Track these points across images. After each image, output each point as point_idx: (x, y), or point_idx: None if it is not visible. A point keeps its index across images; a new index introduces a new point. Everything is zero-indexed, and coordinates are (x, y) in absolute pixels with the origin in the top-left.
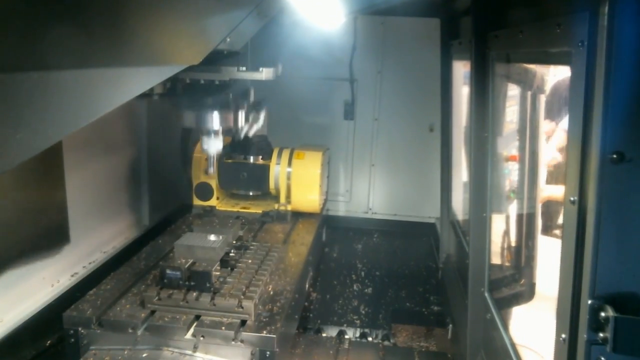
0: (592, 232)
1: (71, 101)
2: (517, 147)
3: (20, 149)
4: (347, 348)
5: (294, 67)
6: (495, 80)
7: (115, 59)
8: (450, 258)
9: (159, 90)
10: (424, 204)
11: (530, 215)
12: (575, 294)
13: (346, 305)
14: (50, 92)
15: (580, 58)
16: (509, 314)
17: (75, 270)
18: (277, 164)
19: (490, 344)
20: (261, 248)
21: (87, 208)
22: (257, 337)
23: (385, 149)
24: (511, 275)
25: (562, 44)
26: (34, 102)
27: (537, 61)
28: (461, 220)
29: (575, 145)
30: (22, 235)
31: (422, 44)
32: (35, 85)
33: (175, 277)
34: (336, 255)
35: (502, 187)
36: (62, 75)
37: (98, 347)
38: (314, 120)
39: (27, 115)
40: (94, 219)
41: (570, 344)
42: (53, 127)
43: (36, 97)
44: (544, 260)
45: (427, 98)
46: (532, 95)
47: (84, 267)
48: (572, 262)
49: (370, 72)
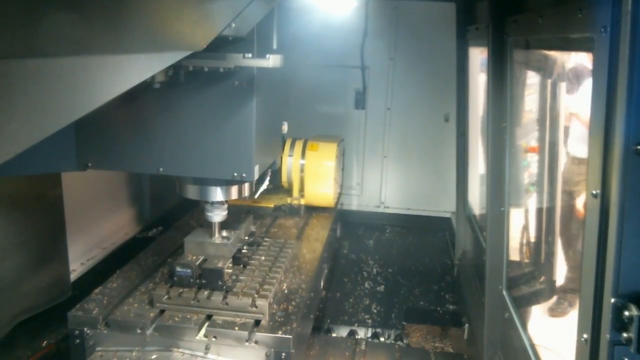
0: (615, 227)
1: (68, 90)
2: (537, 138)
3: (15, 140)
4: (364, 349)
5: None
6: (514, 68)
7: (114, 45)
8: (466, 254)
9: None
10: (439, 197)
11: (550, 209)
12: (597, 292)
13: (357, 304)
14: (46, 80)
15: (602, 44)
16: (528, 313)
17: (73, 268)
18: (289, 156)
19: (508, 344)
20: (274, 244)
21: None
22: (272, 337)
23: (398, 140)
24: (530, 273)
25: (584, 30)
26: (29, 91)
27: (557, 47)
28: (478, 215)
29: (597, 135)
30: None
31: (437, 29)
32: (30, 72)
33: (186, 275)
34: (347, 251)
35: (521, 179)
36: (59, 62)
37: (104, 349)
38: (323, 110)
39: (21, 104)
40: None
41: (592, 345)
42: (50, 117)
43: (31, 86)
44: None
45: (442, 86)
46: (553, 83)
47: (81, 264)
48: (594, 258)
49: (382, 59)
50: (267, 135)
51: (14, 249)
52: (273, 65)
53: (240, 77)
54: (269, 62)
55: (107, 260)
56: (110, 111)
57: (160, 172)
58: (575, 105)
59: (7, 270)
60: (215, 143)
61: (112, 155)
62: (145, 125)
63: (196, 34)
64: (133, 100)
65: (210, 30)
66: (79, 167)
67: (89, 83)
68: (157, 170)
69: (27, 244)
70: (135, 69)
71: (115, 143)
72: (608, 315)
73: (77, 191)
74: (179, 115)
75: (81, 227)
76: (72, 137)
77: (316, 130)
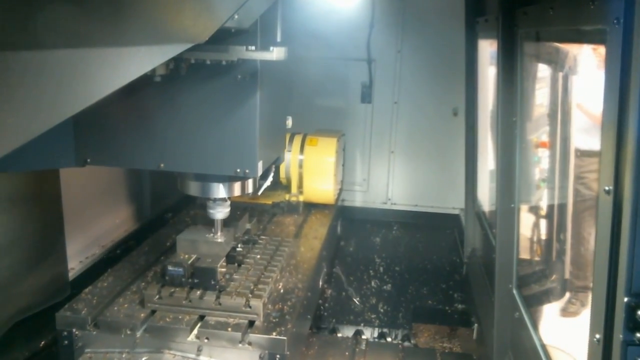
0: (628, 224)
1: (67, 83)
2: (548, 133)
3: (11, 135)
4: (365, 349)
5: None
6: (524, 61)
7: (113, 37)
8: (475, 252)
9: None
10: (447, 194)
11: (562, 206)
12: (610, 291)
13: (363, 303)
14: (44, 73)
15: (615, 36)
16: (539, 313)
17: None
18: (288, 151)
19: (518, 344)
20: (271, 242)
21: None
22: (267, 339)
23: (406, 134)
24: (541, 271)
25: (596, 21)
26: (26, 84)
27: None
28: (487, 212)
29: (609, 130)
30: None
31: (446, 21)
32: (27, 65)
33: (178, 274)
34: (352, 249)
35: (532, 175)
36: (57, 54)
37: (94, 350)
38: (328, 104)
39: (18, 98)
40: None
41: (605, 345)
42: (47, 111)
43: (28, 79)
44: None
45: (450, 80)
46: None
47: (80, 262)
48: (606, 256)
49: (389, 52)
50: (271, 130)
51: (11, 247)
52: (277, 57)
53: (243, 70)
54: (272, 55)
55: (107, 259)
56: (109, 105)
57: (161, 168)
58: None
59: (3, 268)
60: (217, 138)
61: (111, 151)
62: (145, 120)
63: (198, 25)
64: (133, 94)
65: (212, 21)
66: (78, 163)
67: (88, 76)
68: (158, 166)
69: (24, 242)
70: (135, 62)
71: (115, 138)
72: (621, 314)
73: (76, 188)
74: (180, 110)
75: (80, 224)
76: (70, 132)
77: (321, 125)
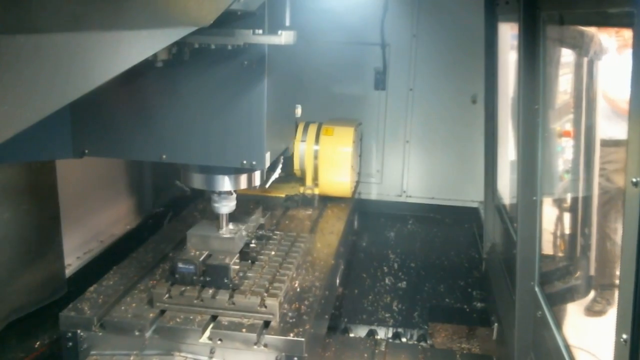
0: None
1: (64, 69)
2: (572, 121)
3: (5, 123)
4: (384, 350)
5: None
6: (547, 45)
7: (113, 20)
8: (495, 248)
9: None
10: (466, 186)
11: (586, 199)
12: (637, 289)
13: (377, 301)
14: (39, 58)
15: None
16: (562, 312)
17: (68, 262)
18: (302, 141)
19: (540, 345)
20: (285, 238)
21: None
22: (283, 340)
23: (422, 123)
24: (565, 267)
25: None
26: (21, 70)
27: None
28: (508, 205)
29: (638, 118)
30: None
31: (464, 3)
32: (22, 49)
33: (189, 272)
34: (366, 244)
35: (555, 166)
36: (53, 38)
37: (99, 352)
38: (340, 91)
39: (13, 84)
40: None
41: (632, 346)
42: (44, 98)
43: (23, 64)
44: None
45: (469, 65)
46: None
47: (78, 258)
48: (634, 252)
49: (404, 36)
50: (279, 120)
51: (3, 243)
52: (285, 42)
53: (250, 55)
54: (281, 39)
55: (105, 254)
56: (109, 93)
57: (163, 160)
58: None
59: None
60: (222, 128)
61: (110, 142)
62: (146, 109)
63: (202, 8)
64: (134, 81)
65: (217, 4)
66: (75, 154)
67: (86, 61)
68: (160, 157)
69: (19, 238)
70: (136, 46)
71: (114, 128)
72: None
73: (73, 180)
74: (183, 97)
75: (77, 218)
76: (67, 121)
77: (332, 113)
